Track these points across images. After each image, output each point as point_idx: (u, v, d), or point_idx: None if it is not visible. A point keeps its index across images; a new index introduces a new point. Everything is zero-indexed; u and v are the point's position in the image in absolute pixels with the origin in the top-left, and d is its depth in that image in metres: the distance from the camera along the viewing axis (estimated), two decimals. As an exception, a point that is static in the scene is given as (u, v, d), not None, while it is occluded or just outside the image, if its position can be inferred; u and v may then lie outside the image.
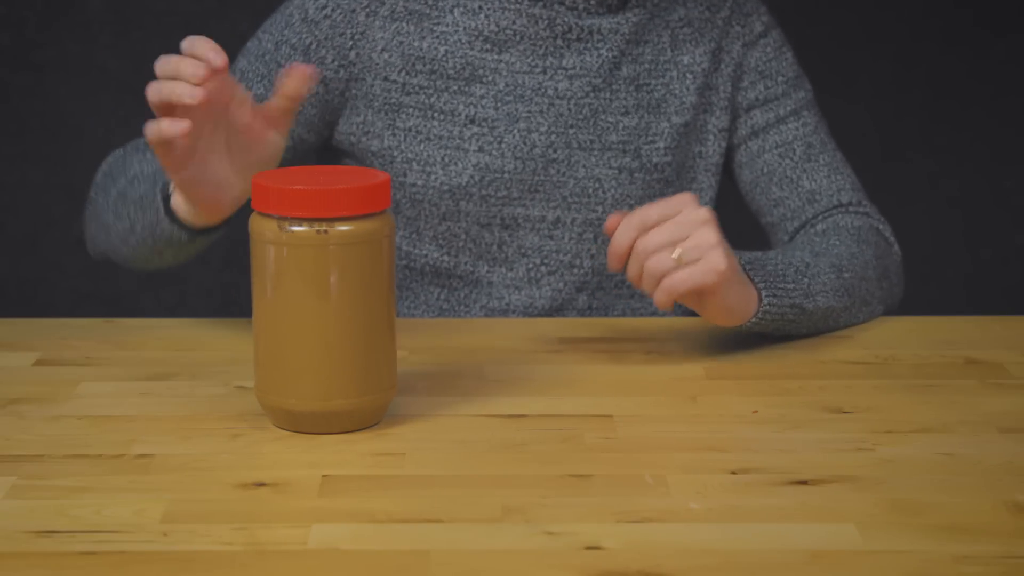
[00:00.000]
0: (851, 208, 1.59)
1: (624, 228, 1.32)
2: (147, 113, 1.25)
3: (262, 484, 1.12)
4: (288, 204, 1.17)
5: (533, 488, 1.11)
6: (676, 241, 1.31)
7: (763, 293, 1.37)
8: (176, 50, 1.25)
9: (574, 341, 1.44)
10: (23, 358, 1.39)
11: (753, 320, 1.38)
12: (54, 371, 1.36)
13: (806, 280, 1.41)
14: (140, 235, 1.43)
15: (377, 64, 1.53)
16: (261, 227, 1.19)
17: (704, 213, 1.32)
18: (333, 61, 1.54)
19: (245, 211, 1.29)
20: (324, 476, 1.13)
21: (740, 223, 2.38)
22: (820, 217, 1.59)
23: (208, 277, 2.51)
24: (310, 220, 1.17)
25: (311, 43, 1.54)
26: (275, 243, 1.18)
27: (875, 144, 2.53)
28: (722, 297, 1.33)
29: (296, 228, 1.17)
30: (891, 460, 1.17)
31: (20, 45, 2.46)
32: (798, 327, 1.42)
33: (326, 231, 1.17)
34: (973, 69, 2.54)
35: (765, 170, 1.61)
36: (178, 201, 1.37)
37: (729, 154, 1.63)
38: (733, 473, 1.14)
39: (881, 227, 1.59)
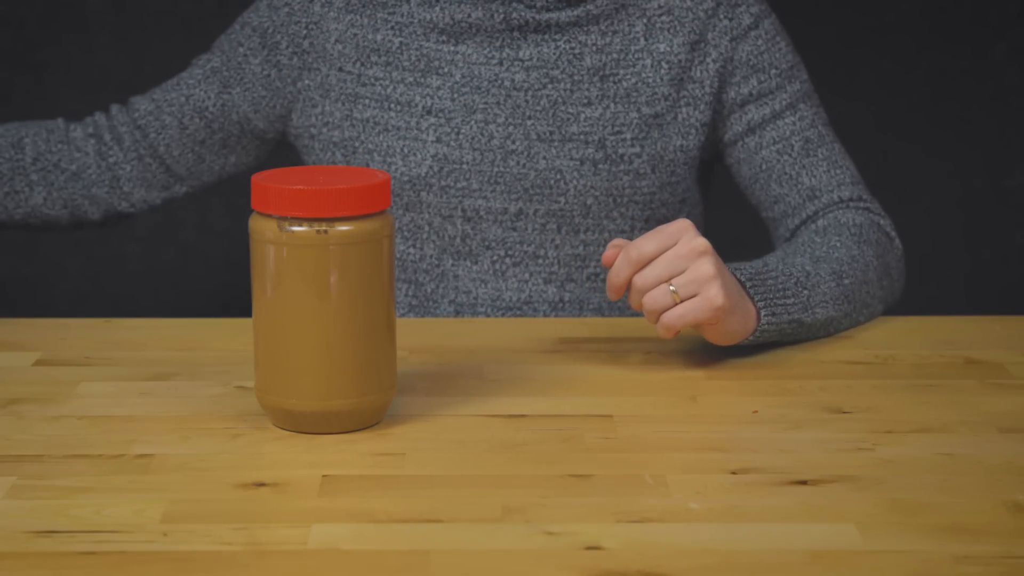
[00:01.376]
0: (851, 203, 1.59)
1: (620, 264, 1.31)
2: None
3: (262, 484, 1.12)
4: (288, 204, 1.17)
5: (533, 488, 1.11)
6: (673, 275, 1.30)
7: (762, 312, 1.37)
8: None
9: (574, 341, 1.44)
10: (23, 358, 1.39)
11: (751, 338, 1.37)
12: (54, 371, 1.36)
13: (806, 292, 1.41)
14: None
15: (331, 55, 1.58)
16: (261, 227, 1.19)
17: (701, 244, 1.30)
18: (287, 47, 1.59)
19: (246, 211, 1.29)
20: (324, 476, 1.13)
21: (739, 225, 2.37)
22: (821, 213, 1.59)
23: (208, 277, 2.51)
24: (310, 220, 1.17)
25: (268, 27, 1.61)
26: (275, 243, 1.18)
27: (875, 143, 2.52)
28: (721, 326, 1.33)
29: (296, 228, 1.17)
30: (891, 460, 1.17)
31: (20, 45, 2.46)
32: (796, 338, 1.43)
33: (326, 231, 1.17)
34: (973, 69, 2.54)
35: (763, 167, 1.60)
36: None
37: (725, 150, 1.63)
38: (733, 473, 1.14)
39: (882, 222, 1.59)
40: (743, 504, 1.09)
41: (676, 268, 1.30)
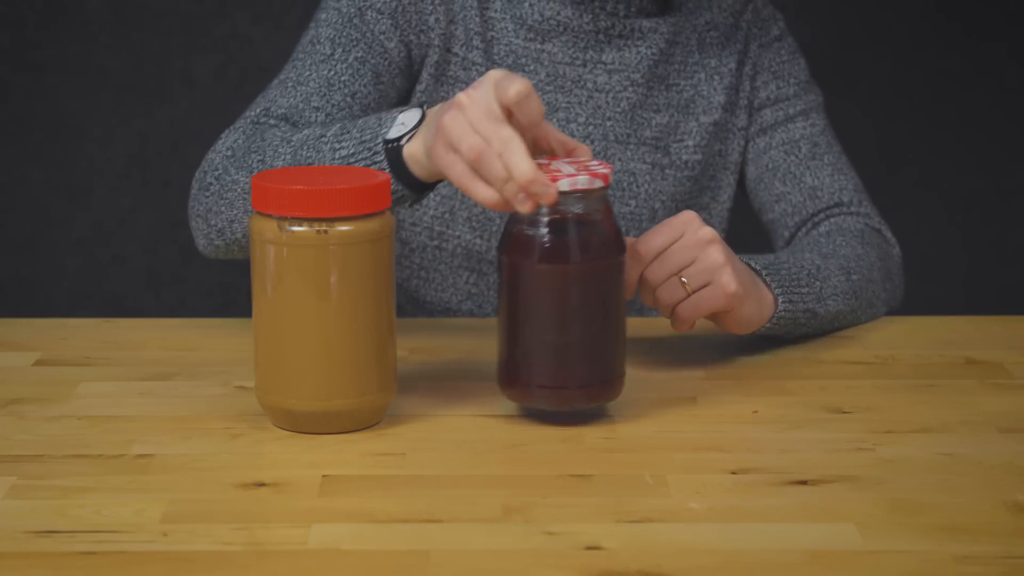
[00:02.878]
0: (852, 208, 1.60)
1: (629, 261, 1.30)
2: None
3: (262, 484, 1.12)
4: (288, 204, 1.17)
5: (533, 488, 1.11)
6: (683, 266, 1.30)
7: (780, 299, 1.37)
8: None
9: (574, 341, 1.44)
10: (23, 358, 1.39)
11: (766, 326, 1.37)
12: (54, 371, 1.36)
13: (818, 284, 1.41)
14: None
15: (444, 34, 1.53)
16: (261, 227, 1.19)
17: (708, 233, 1.30)
18: (416, 25, 1.53)
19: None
20: (324, 476, 1.13)
21: (740, 226, 2.37)
22: (822, 215, 1.59)
23: (208, 277, 2.51)
24: (310, 220, 1.17)
25: (396, 6, 1.52)
26: (275, 243, 1.18)
27: (875, 144, 2.53)
28: (736, 313, 1.33)
29: (296, 228, 1.17)
30: (891, 460, 1.17)
31: (20, 45, 2.46)
32: (806, 330, 1.43)
33: (326, 231, 1.17)
34: (973, 69, 2.54)
35: (770, 166, 1.62)
36: (417, 150, 1.27)
37: None
38: (733, 473, 1.14)
39: (882, 229, 1.60)
40: (743, 504, 1.09)
41: (685, 259, 1.30)
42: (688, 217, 1.31)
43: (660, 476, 1.13)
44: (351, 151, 1.31)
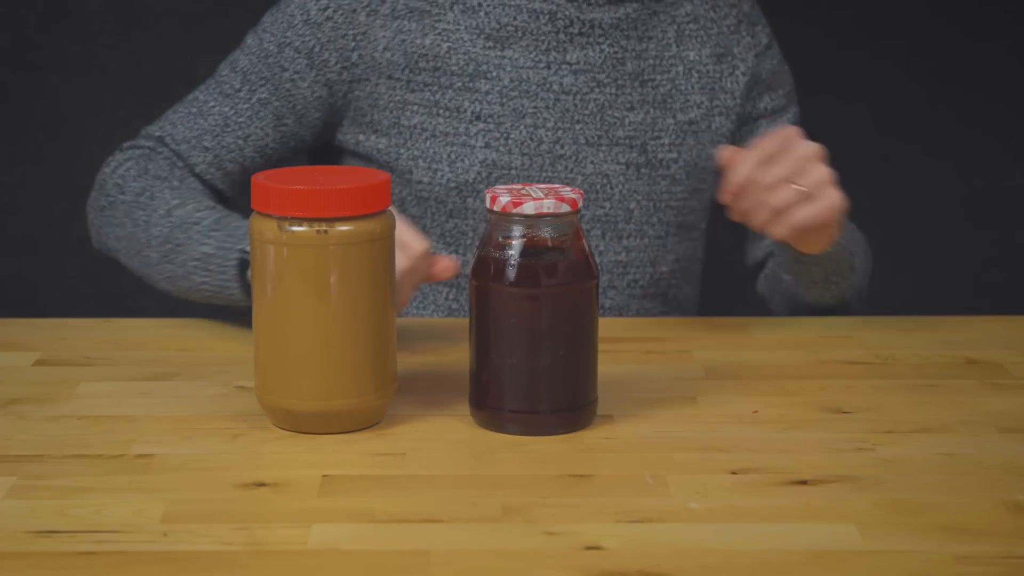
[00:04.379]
0: None
1: (746, 161, 1.32)
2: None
3: (262, 484, 1.12)
4: (288, 204, 1.17)
5: (533, 488, 1.11)
6: (793, 176, 1.32)
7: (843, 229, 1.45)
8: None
9: (574, 341, 1.44)
10: (23, 358, 1.39)
11: (830, 249, 1.44)
12: (54, 371, 1.36)
13: (858, 234, 1.53)
14: (196, 287, 1.43)
15: (380, 63, 1.53)
16: (261, 227, 1.19)
17: (815, 148, 1.33)
18: (336, 64, 1.54)
19: (247, 214, 1.29)
20: (324, 476, 1.13)
21: (740, 226, 2.37)
22: None
23: (208, 277, 2.51)
24: (310, 220, 1.17)
25: (314, 46, 1.53)
26: (275, 243, 1.18)
27: (875, 144, 2.53)
28: (831, 231, 1.34)
29: (296, 228, 1.17)
30: (891, 460, 1.17)
31: (20, 45, 2.46)
32: (835, 269, 1.49)
33: (326, 231, 1.17)
34: (973, 69, 2.54)
35: None
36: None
37: None
38: (733, 473, 1.14)
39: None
40: (743, 504, 1.09)
41: (796, 168, 1.31)
42: (792, 132, 1.35)
43: (660, 476, 1.13)
44: (211, 251, 1.40)
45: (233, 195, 1.59)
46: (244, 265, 1.38)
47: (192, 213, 1.44)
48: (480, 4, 1.54)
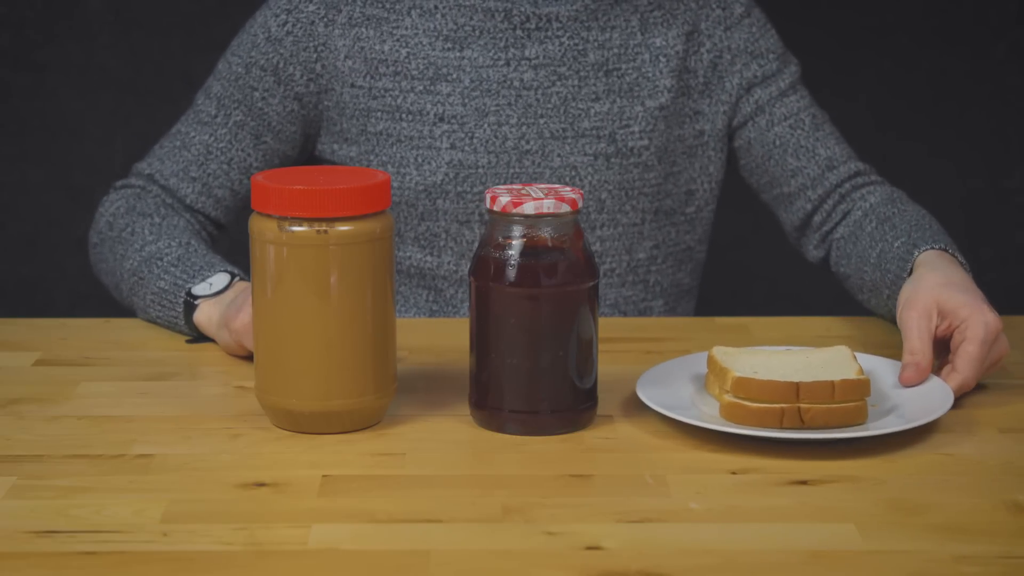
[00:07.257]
0: (871, 176, 1.64)
1: (968, 382, 1.30)
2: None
3: (262, 484, 1.12)
4: (288, 204, 1.17)
5: (533, 488, 1.11)
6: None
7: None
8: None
9: (574, 341, 1.44)
10: (23, 358, 1.39)
11: None
12: (54, 371, 1.36)
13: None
14: (154, 319, 1.48)
15: (343, 72, 1.55)
16: (261, 227, 1.19)
17: (998, 323, 1.31)
18: (302, 76, 1.57)
19: (247, 211, 1.29)
20: (324, 476, 1.13)
21: (741, 226, 2.37)
22: (847, 184, 1.61)
23: (208, 277, 2.51)
24: (310, 220, 1.17)
25: (279, 62, 1.57)
26: (275, 243, 1.18)
27: (875, 143, 2.52)
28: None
29: (296, 228, 1.17)
30: (891, 460, 1.17)
31: (20, 45, 2.46)
32: None
33: (326, 231, 1.17)
34: (973, 69, 2.54)
35: (778, 143, 1.62)
36: (204, 317, 1.42)
37: (736, 133, 1.64)
38: (733, 473, 1.14)
39: (896, 190, 1.63)
40: (743, 504, 1.09)
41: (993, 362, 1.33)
42: (990, 335, 1.31)
43: (660, 476, 1.13)
44: (166, 286, 1.46)
45: (229, 222, 1.62)
46: (189, 307, 1.43)
47: (161, 248, 1.49)
48: (436, 7, 1.55)
